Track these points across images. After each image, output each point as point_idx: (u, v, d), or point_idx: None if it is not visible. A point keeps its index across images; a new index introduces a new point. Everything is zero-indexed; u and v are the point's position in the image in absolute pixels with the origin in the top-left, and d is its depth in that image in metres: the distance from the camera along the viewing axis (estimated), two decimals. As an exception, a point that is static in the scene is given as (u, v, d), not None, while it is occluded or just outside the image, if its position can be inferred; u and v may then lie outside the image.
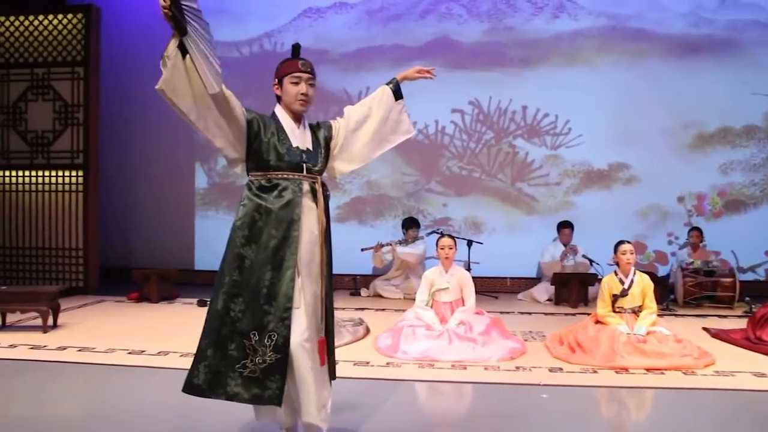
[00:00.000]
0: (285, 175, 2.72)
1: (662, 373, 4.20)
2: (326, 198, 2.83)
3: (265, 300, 2.60)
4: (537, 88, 8.33)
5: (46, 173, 7.80)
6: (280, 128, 2.77)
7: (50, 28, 7.78)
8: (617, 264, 4.85)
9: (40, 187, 7.82)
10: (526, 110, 8.41)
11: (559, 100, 8.28)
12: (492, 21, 8.51)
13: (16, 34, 7.85)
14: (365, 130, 2.96)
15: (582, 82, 8.25)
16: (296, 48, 2.87)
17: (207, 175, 8.85)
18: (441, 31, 8.56)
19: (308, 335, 2.62)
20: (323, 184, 2.83)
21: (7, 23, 7.85)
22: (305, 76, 2.77)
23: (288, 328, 2.58)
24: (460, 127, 8.52)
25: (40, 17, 7.80)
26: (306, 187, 2.74)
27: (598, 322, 4.81)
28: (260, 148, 2.72)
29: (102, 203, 8.08)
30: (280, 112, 2.81)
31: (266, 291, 2.60)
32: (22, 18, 7.83)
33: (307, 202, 2.73)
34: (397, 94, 2.99)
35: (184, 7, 2.50)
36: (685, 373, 4.20)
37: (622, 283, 4.76)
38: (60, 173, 7.76)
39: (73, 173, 7.73)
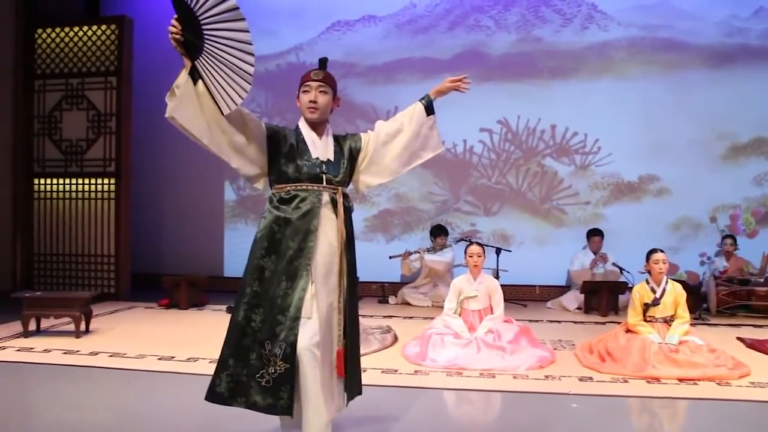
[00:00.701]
0: (304, 186, 2.75)
1: (695, 384, 4.11)
2: (348, 209, 2.82)
3: (278, 310, 2.62)
4: (566, 99, 8.23)
5: (80, 181, 7.95)
6: (301, 140, 2.80)
7: (84, 39, 7.94)
8: (649, 272, 4.77)
9: (73, 194, 7.97)
10: (555, 129, 8.31)
11: (589, 112, 8.15)
12: (520, 32, 8.45)
13: (53, 45, 8.03)
14: (395, 143, 2.93)
15: (612, 93, 8.14)
16: (322, 61, 2.90)
17: (236, 185, 8.94)
18: (469, 43, 8.52)
19: (316, 343, 2.61)
20: (345, 195, 2.83)
21: (44, 35, 8.04)
22: (315, 84, 2.79)
23: (296, 337, 2.58)
24: (488, 146, 8.44)
25: (75, 29, 7.97)
26: (326, 197, 2.75)
27: (628, 331, 4.73)
28: (279, 161, 2.76)
29: (133, 211, 8.20)
30: (302, 123, 2.85)
31: (280, 301, 2.62)
32: (58, 30, 8.01)
33: (326, 213, 2.74)
34: (429, 110, 2.95)
35: (203, 21, 2.51)
36: (719, 384, 4.11)
37: (654, 291, 4.68)
38: (93, 181, 7.91)
39: (106, 181, 7.87)
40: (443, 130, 3.24)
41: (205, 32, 2.54)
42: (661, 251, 4.76)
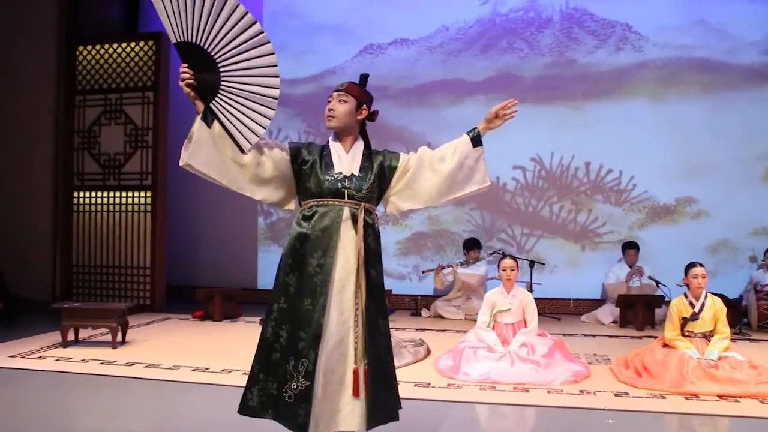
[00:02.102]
0: (325, 202, 2.73)
1: (737, 401, 4.01)
2: (369, 225, 2.74)
3: (301, 326, 2.61)
4: (600, 122, 8.07)
5: (117, 194, 8.10)
6: (326, 154, 2.79)
7: (123, 55, 8.12)
8: (687, 286, 4.67)
9: (111, 207, 8.12)
10: (589, 166, 8.18)
11: (624, 134, 7.97)
12: (554, 54, 8.36)
13: (93, 62, 8.23)
14: (437, 170, 2.82)
15: (647, 115, 7.98)
16: (362, 77, 2.92)
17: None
18: (502, 65, 8.44)
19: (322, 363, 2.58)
20: (368, 211, 2.76)
21: (85, 52, 8.24)
22: (336, 93, 2.79)
23: (317, 355, 2.57)
24: (521, 183, 8.34)
25: (114, 45, 8.15)
26: (346, 213, 2.70)
27: (665, 345, 4.63)
28: (302, 177, 2.76)
29: (169, 223, 8.32)
30: (331, 138, 2.86)
31: (303, 318, 2.61)
32: (98, 47, 8.20)
33: (346, 229, 2.69)
34: (476, 141, 2.83)
35: (218, 57, 2.54)
36: (762, 402, 4.00)
37: (693, 306, 4.58)
38: (130, 194, 8.05)
39: (142, 194, 8.00)
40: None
41: (221, 67, 2.57)
42: (701, 265, 4.65)
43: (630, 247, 7.51)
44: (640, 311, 6.85)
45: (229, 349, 5.58)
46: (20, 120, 8.24)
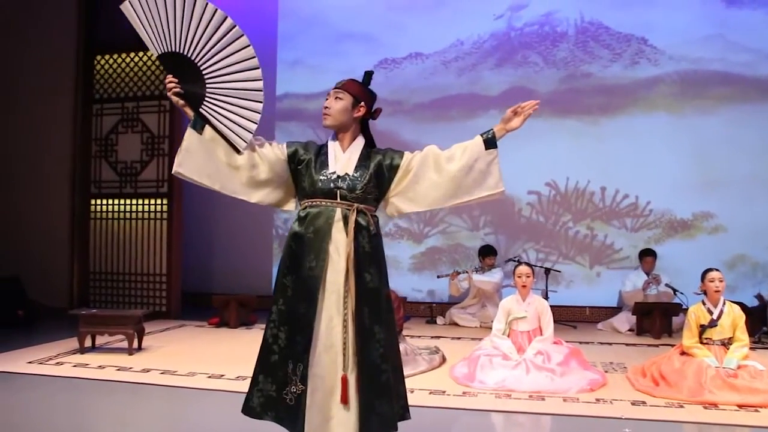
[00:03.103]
0: (318, 202, 2.67)
1: (756, 411, 3.95)
2: (361, 227, 2.62)
3: (297, 330, 2.59)
4: (616, 136, 8.00)
5: (134, 201, 8.16)
6: (323, 153, 2.74)
7: (140, 64, 8.19)
8: (705, 293, 4.62)
9: (127, 215, 8.17)
10: (605, 191, 8.10)
11: (640, 148, 7.88)
12: (569, 68, 8.30)
13: (110, 71, 8.30)
14: (442, 170, 2.67)
15: (663, 129, 7.89)
16: (366, 75, 2.87)
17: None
18: (517, 79, 8.39)
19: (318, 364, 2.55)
20: (362, 212, 2.65)
21: (102, 61, 8.32)
22: (332, 91, 2.74)
23: (309, 359, 2.55)
24: (536, 209, 8.29)
25: (132, 54, 8.23)
26: (338, 214, 2.63)
27: (683, 353, 4.57)
28: (298, 177, 2.73)
29: (184, 231, 8.36)
30: (331, 137, 2.81)
31: (299, 320, 2.59)
32: (115, 56, 8.28)
33: (338, 231, 2.61)
34: (490, 143, 2.65)
35: (199, 59, 2.58)
36: (781, 411, 3.95)
37: (711, 312, 4.53)
38: (146, 202, 8.11)
39: (158, 202, 8.06)
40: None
41: (203, 70, 2.60)
42: (717, 270, 4.62)
43: (647, 255, 7.45)
44: (657, 319, 6.79)
45: (245, 356, 5.55)
46: (39, 128, 8.35)
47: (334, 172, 2.67)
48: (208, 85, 2.63)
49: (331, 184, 2.65)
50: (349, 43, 8.86)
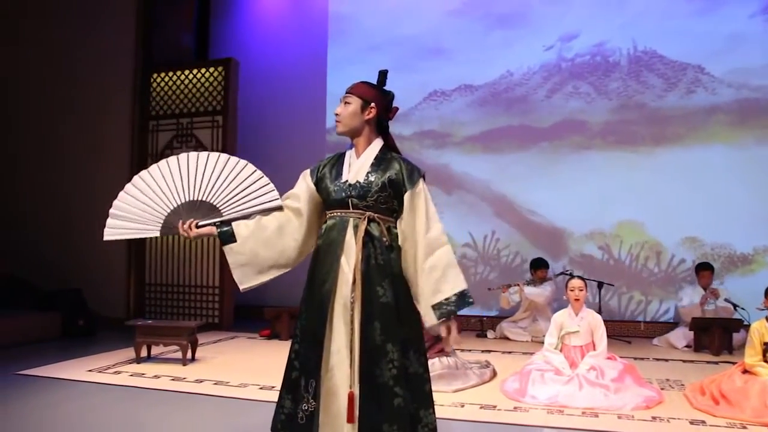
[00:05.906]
0: (333, 213, 2.65)
1: (824, 432, 3.79)
2: (373, 237, 2.55)
3: (311, 345, 2.54)
4: (671, 168, 7.79)
5: (188, 215, 8.32)
6: (340, 164, 2.70)
7: (194, 81, 8.41)
8: (768, 309, 4.47)
9: (182, 228, 8.34)
10: (660, 255, 7.83)
11: (697, 181, 7.66)
12: (621, 98, 8.12)
13: (165, 88, 8.56)
14: (414, 261, 2.55)
15: (720, 160, 7.63)
16: (380, 74, 2.80)
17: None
18: (568, 111, 8.27)
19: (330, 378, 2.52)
20: (374, 221, 2.57)
21: (159, 79, 8.58)
22: (342, 97, 2.68)
23: (320, 376, 2.49)
24: (587, 268, 7.98)
25: (186, 71, 8.47)
26: (351, 224, 2.58)
27: (745, 371, 4.41)
28: (321, 193, 2.72)
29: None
30: (348, 146, 2.78)
31: (313, 335, 2.55)
32: (171, 73, 8.54)
33: (349, 241, 2.55)
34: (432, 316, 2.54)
35: (209, 195, 2.72)
36: None
37: (774, 329, 4.37)
38: (200, 215, 8.26)
39: (212, 215, 8.20)
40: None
41: (212, 197, 2.73)
42: (781, 285, 4.45)
43: (704, 269, 7.21)
44: (716, 335, 6.57)
45: (295, 367, 5.62)
46: (97, 145, 8.64)
47: (346, 181, 2.63)
48: (218, 203, 2.75)
49: (343, 194, 2.62)
50: (398, 75, 8.78)
